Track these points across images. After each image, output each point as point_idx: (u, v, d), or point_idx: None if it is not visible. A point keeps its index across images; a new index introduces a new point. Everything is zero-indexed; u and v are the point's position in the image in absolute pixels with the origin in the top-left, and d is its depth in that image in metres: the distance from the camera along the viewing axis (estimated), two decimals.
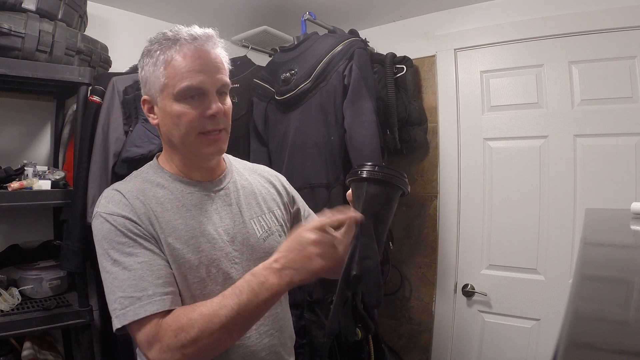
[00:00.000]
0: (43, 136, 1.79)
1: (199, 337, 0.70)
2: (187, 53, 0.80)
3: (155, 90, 0.83)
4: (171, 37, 0.81)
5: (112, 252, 0.76)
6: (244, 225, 0.90)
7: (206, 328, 0.70)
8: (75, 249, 1.42)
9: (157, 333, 0.71)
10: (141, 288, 0.74)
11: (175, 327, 0.71)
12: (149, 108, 0.87)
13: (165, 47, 0.81)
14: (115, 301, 0.74)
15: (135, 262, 0.75)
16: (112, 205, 0.80)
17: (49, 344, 1.57)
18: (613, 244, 0.66)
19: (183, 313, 0.73)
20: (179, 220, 0.82)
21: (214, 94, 0.82)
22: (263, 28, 2.03)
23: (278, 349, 0.91)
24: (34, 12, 1.35)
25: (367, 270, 0.69)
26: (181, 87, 0.79)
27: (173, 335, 0.70)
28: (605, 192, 1.61)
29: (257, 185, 0.99)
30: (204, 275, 0.82)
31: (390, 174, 0.73)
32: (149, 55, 0.83)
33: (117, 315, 0.74)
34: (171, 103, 0.81)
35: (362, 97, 1.64)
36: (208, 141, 0.83)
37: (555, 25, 1.71)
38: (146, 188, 0.84)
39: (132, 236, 0.77)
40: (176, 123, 0.82)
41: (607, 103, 1.62)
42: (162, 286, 0.75)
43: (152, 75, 0.82)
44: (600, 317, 0.34)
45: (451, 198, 1.95)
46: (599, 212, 1.08)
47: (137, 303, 0.73)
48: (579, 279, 0.45)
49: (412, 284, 2.05)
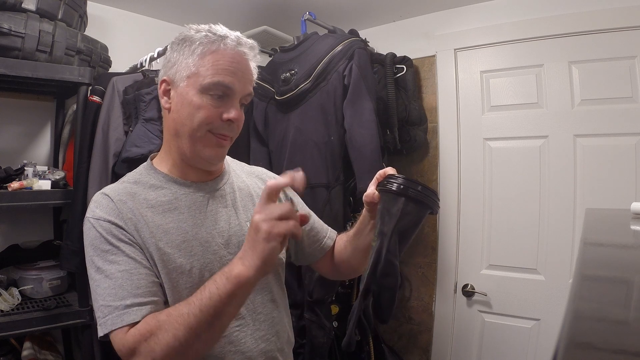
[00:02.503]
0: (43, 136, 1.79)
1: (167, 340, 0.68)
2: (229, 52, 0.81)
3: (181, 74, 0.81)
4: (218, 32, 0.81)
5: (96, 259, 0.76)
6: (239, 228, 0.88)
7: (172, 329, 0.68)
8: (75, 249, 1.42)
9: (132, 343, 0.70)
10: (120, 297, 0.73)
11: (145, 331, 0.70)
12: (166, 90, 0.85)
13: (210, 40, 0.80)
14: (98, 309, 0.74)
15: (117, 270, 0.75)
16: (99, 210, 0.79)
17: (49, 344, 1.57)
18: (613, 244, 0.66)
19: (152, 316, 0.72)
20: (170, 224, 0.81)
21: (237, 100, 0.83)
22: (263, 28, 2.03)
23: (275, 354, 0.89)
24: (34, 12, 1.35)
25: (387, 288, 0.68)
26: (212, 80, 0.79)
27: (144, 340, 0.69)
28: (605, 192, 1.61)
29: (255, 187, 0.98)
30: (196, 281, 0.80)
31: (429, 195, 0.71)
32: (189, 42, 0.81)
33: (100, 323, 0.74)
34: (194, 92, 0.80)
35: (362, 97, 1.64)
36: (214, 141, 0.82)
37: (555, 25, 1.71)
38: (137, 192, 0.83)
39: (115, 242, 0.76)
40: (192, 113, 0.80)
41: (607, 103, 1.62)
42: (140, 296, 0.74)
43: (184, 60, 0.81)
44: (600, 317, 0.34)
45: (451, 198, 1.95)
46: (599, 212, 1.08)
47: (114, 312, 0.72)
48: (579, 279, 0.45)
49: (412, 284, 2.05)
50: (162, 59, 0.94)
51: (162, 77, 0.85)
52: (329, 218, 1.59)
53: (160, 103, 0.86)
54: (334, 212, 1.63)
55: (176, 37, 0.84)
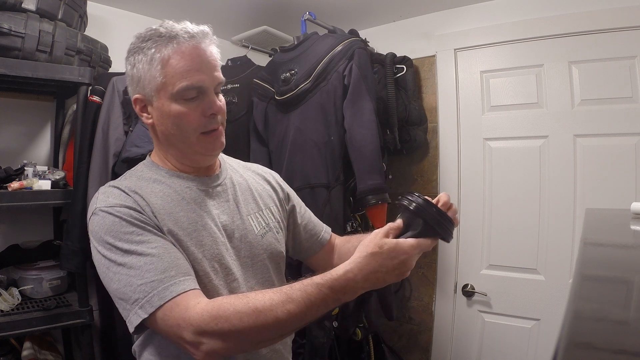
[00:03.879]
0: (43, 136, 1.79)
1: (245, 332, 0.67)
2: (185, 51, 0.78)
3: (150, 89, 0.80)
4: (165, 33, 0.78)
5: (120, 243, 0.72)
6: (242, 222, 0.89)
7: (258, 326, 0.67)
8: (75, 249, 1.42)
9: (190, 316, 0.67)
10: (162, 270, 0.70)
11: (217, 314, 0.67)
12: (142, 107, 0.84)
13: (160, 44, 0.78)
14: (134, 292, 0.70)
15: (149, 247, 0.72)
16: (112, 199, 0.77)
17: (49, 344, 1.57)
18: (613, 244, 0.66)
19: (228, 302, 0.69)
20: (180, 213, 0.81)
21: (212, 93, 0.82)
22: (263, 28, 2.03)
23: (279, 347, 0.90)
24: (34, 12, 1.35)
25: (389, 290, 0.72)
26: (181, 86, 0.77)
27: (211, 320, 0.67)
28: (605, 192, 1.61)
29: (252, 181, 0.99)
30: (207, 269, 0.80)
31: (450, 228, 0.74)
32: (141, 53, 0.79)
33: (141, 304, 0.69)
34: (169, 103, 0.79)
35: (362, 97, 1.64)
36: (211, 139, 0.83)
37: (555, 25, 1.71)
38: (143, 185, 0.82)
39: (139, 224, 0.74)
40: (176, 124, 0.80)
41: (607, 103, 1.62)
42: (182, 267, 0.73)
43: (147, 74, 0.79)
44: (600, 317, 0.34)
45: (451, 198, 1.94)
46: (599, 212, 1.08)
47: (160, 286, 0.69)
48: (579, 279, 0.45)
49: (412, 284, 2.05)
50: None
51: (134, 96, 0.83)
52: (329, 218, 1.59)
53: (142, 120, 0.86)
54: (334, 212, 1.63)
55: (128, 52, 0.82)
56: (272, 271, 0.93)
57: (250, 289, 0.86)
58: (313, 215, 1.10)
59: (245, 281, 0.86)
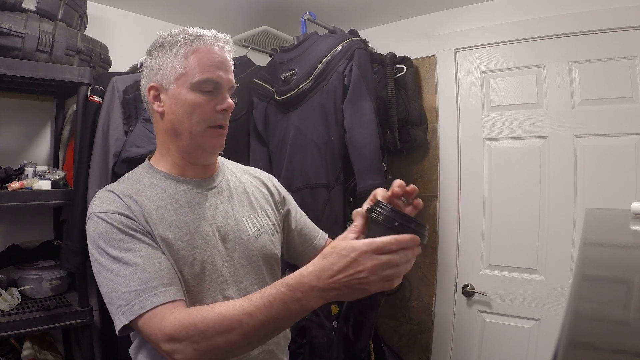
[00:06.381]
0: (43, 136, 1.79)
1: (213, 337, 0.68)
2: (211, 49, 0.85)
3: (168, 78, 0.84)
4: (193, 32, 0.85)
5: (110, 249, 0.76)
6: (236, 223, 0.90)
7: (224, 331, 0.67)
8: (75, 249, 1.42)
9: (165, 326, 0.69)
10: (144, 280, 0.73)
11: (187, 322, 0.69)
12: (155, 95, 0.87)
13: (188, 40, 0.84)
14: (119, 298, 0.73)
15: (136, 256, 0.75)
16: (107, 204, 0.80)
17: (49, 344, 1.57)
18: (613, 244, 0.66)
19: (197, 310, 0.70)
20: (173, 217, 0.83)
21: (226, 91, 0.87)
22: (263, 28, 2.03)
23: (271, 347, 0.90)
24: (34, 12, 1.34)
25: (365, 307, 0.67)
26: (202, 78, 0.83)
27: (182, 329, 0.68)
28: (605, 192, 1.61)
29: (249, 184, 1.00)
30: (197, 272, 0.82)
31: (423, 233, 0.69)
32: (169, 47, 0.85)
33: (123, 311, 0.72)
34: (186, 92, 0.83)
35: (362, 97, 1.64)
36: (215, 134, 0.87)
37: (555, 25, 1.71)
38: (139, 188, 0.85)
39: (129, 232, 0.77)
40: (188, 112, 0.84)
41: (607, 103, 1.62)
42: (165, 278, 0.75)
43: (169, 63, 0.84)
44: (600, 317, 0.34)
45: (451, 198, 1.95)
46: (599, 212, 1.08)
47: (141, 296, 0.71)
48: (579, 279, 0.45)
49: (412, 284, 2.05)
50: None
51: (149, 84, 0.87)
52: (329, 218, 1.59)
53: (151, 109, 0.88)
54: (334, 212, 1.63)
55: (152, 46, 0.88)
56: (266, 273, 0.93)
57: (242, 290, 0.87)
58: (309, 221, 1.10)
59: (237, 283, 0.87)
